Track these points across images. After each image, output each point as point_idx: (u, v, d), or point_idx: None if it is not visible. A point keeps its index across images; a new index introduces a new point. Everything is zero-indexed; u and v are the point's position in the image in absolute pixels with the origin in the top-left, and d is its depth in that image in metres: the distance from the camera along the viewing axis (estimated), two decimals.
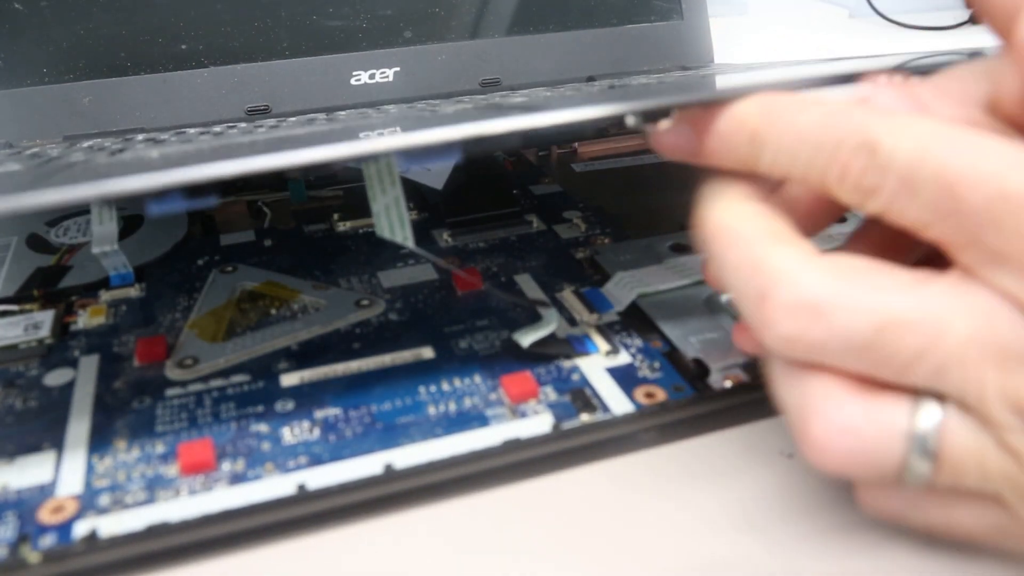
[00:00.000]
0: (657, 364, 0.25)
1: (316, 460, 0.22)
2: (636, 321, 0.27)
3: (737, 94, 0.19)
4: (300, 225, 0.35)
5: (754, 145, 0.19)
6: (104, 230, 0.29)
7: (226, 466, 0.22)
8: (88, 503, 0.21)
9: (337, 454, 0.22)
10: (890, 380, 0.17)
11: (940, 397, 0.16)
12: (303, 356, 0.26)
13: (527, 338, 0.25)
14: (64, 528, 0.20)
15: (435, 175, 0.37)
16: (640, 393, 0.24)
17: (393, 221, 0.23)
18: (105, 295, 0.30)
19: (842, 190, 0.17)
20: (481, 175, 0.36)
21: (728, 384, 0.24)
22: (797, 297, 0.17)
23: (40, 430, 0.23)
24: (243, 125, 0.33)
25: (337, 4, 0.38)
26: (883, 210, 0.17)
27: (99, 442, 0.23)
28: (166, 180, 0.17)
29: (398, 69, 0.39)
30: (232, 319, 0.28)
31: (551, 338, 0.26)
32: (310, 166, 0.18)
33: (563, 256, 0.32)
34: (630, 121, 0.20)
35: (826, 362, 0.17)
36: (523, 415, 0.23)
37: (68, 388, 0.25)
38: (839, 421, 0.17)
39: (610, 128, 0.22)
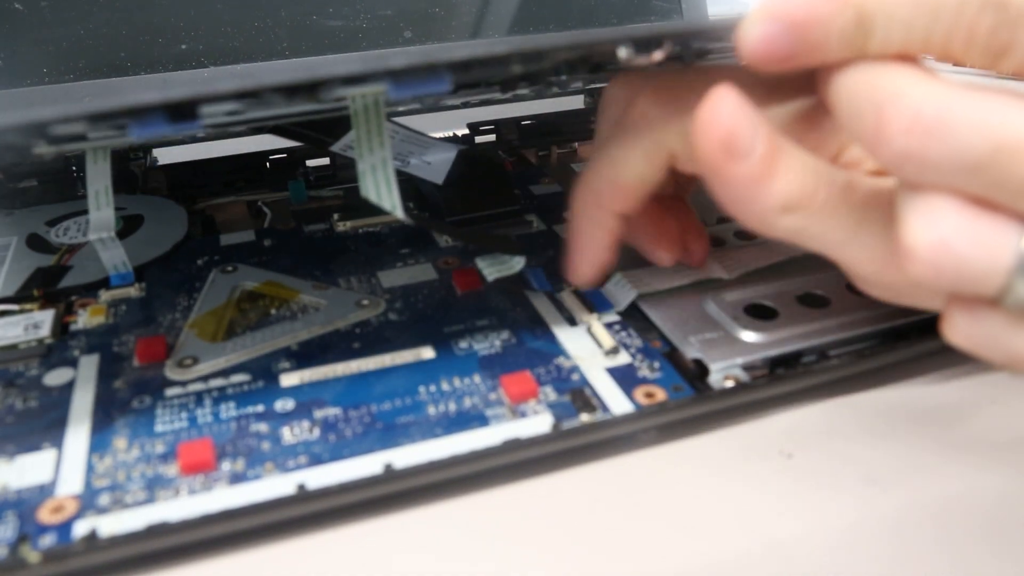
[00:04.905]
0: (657, 364, 0.25)
1: (316, 460, 0.22)
2: (636, 321, 0.27)
3: (734, 21, 0.18)
4: (300, 225, 0.35)
5: (862, 24, 0.17)
6: (101, 215, 0.29)
7: (226, 466, 0.22)
8: (88, 503, 0.21)
9: (337, 454, 0.22)
10: (1004, 204, 0.16)
11: None
12: (303, 356, 0.26)
13: (492, 272, 0.25)
14: (64, 528, 0.20)
15: (434, 170, 0.37)
16: (640, 393, 0.24)
17: (380, 182, 0.22)
18: (105, 295, 0.30)
19: (970, 54, 0.16)
20: (481, 174, 0.36)
21: (728, 384, 0.24)
22: (915, 110, 0.16)
23: (40, 430, 0.23)
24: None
25: (337, 4, 0.38)
26: (1019, 68, 0.16)
27: (99, 442, 0.23)
28: (152, 98, 0.17)
29: None
30: (232, 319, 0.28)
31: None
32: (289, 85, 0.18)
33: (563, 256, 0.32)
34: (622, 53, 0.19)
35: (940, 182, 0.16)
36: (523, 415, 0.23)
37: (68, 388, 0.25)
38: (945, 230, 0.16)
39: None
